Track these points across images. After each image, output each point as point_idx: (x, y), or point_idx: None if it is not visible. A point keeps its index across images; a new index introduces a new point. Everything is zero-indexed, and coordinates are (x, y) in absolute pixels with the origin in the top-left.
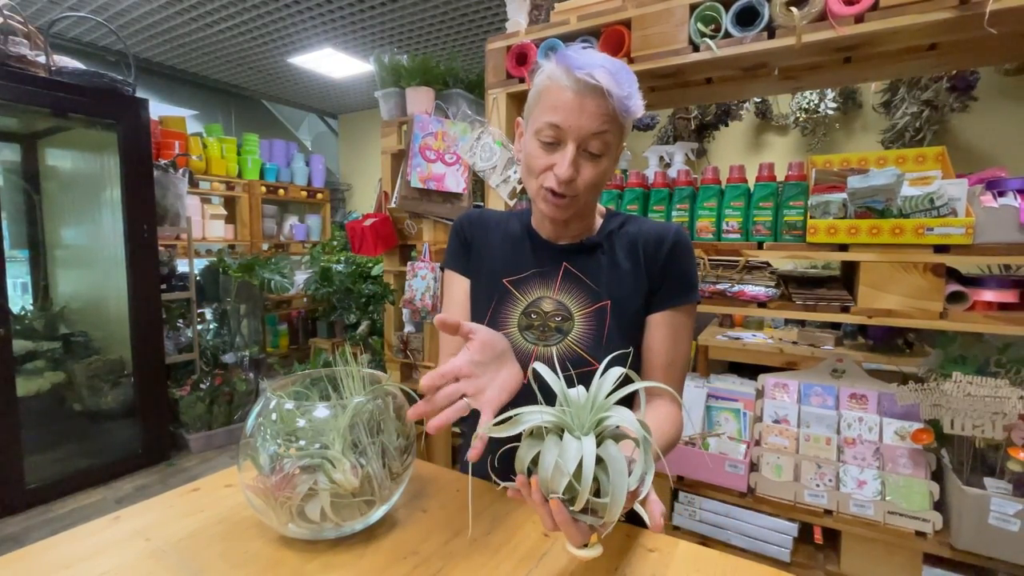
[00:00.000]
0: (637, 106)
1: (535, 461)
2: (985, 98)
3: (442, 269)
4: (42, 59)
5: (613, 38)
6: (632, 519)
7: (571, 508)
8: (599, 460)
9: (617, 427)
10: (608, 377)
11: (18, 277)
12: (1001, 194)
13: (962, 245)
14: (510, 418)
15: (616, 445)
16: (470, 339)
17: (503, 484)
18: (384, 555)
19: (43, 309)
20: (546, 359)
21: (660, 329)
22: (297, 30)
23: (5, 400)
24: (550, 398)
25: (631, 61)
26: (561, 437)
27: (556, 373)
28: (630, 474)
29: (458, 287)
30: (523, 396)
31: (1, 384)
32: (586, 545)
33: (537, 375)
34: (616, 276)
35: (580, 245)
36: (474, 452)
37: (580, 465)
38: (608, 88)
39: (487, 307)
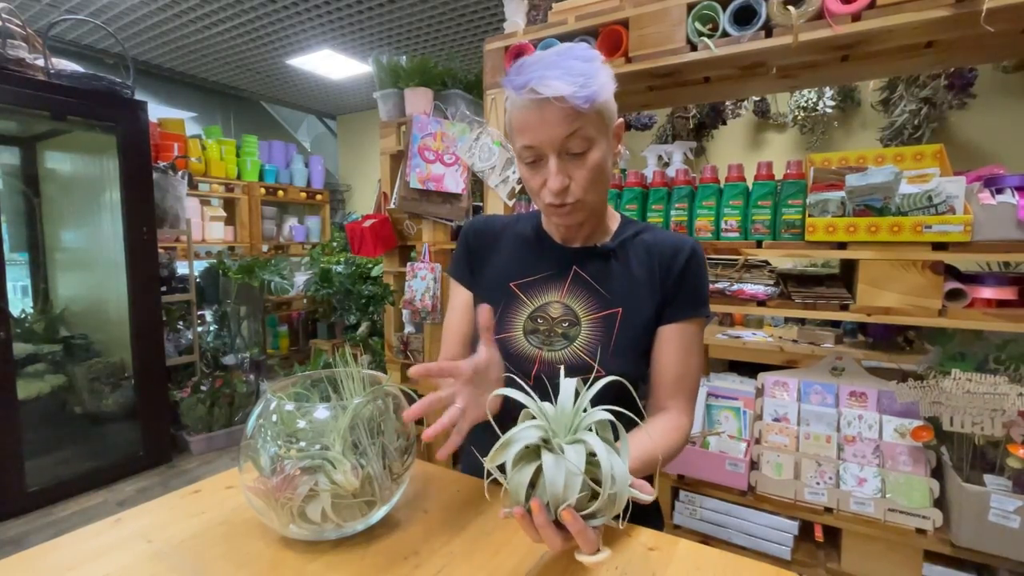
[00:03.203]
0: (601, 88)
1: (533, 483)
2: (983, 95)
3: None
4: (41, 62)
5: (611, 38)
6: (633, 518)
7: (582, 514)
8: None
9: (596, 422)
10: (568, 386)
11: (18, 280)
12: (999, 191)
13: (960, 242)
14: (502, 445)
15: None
16: (482, 355)
17: (504, 511)
18: (385, 555)
19: (43, 312)
20: (552, 364)
21: (671, 342)
22: (295, 31)
23: (6, 403)
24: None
25: (629, 60)
26: (551, 450)
27: (525, 390)
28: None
29: (460, 297)
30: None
31: (2, 387)
32: (598, 550)
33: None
34: (629, 284)
35: (592, 249)
36: (443, 451)
37: (592, 464)
38: (556, 94)
39: (495, 311)
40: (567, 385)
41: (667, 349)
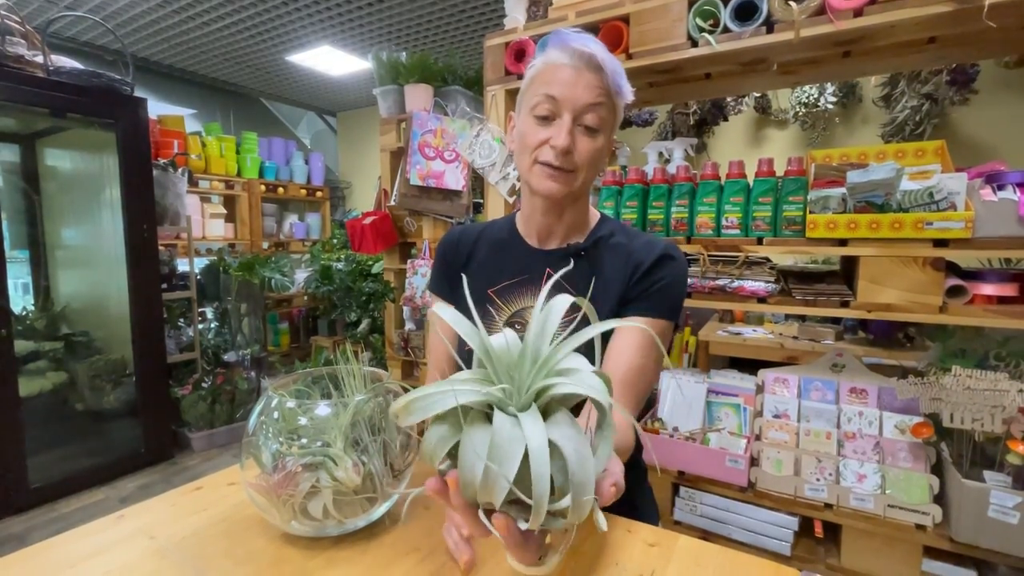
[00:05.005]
0: (628, 89)
1: (452, 453)
2: (985, 91)
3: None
4: (40, 59)
5: (611, 34)
6: (629, 513)
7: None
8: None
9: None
10: (554, 309)
11: (19, 277)
12: (1000, 188)
13: (961, 239)
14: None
15: (568, 415)
16: None
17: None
18: (387, 551)
19: (44, 309)
20: None
21: (624, 337)
22: (295, 28)
23: (8, 400)
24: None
25: (629, 57)
26: (489, 418)
27: (470, 310)
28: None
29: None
30: None
31: (3, 384)
32: (541, 558)
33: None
34: (600, 284)
35: (566, 250)
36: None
37: (526, 462)
38: (603, 60)
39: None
40: (550, 311)
41: (619, 343)
